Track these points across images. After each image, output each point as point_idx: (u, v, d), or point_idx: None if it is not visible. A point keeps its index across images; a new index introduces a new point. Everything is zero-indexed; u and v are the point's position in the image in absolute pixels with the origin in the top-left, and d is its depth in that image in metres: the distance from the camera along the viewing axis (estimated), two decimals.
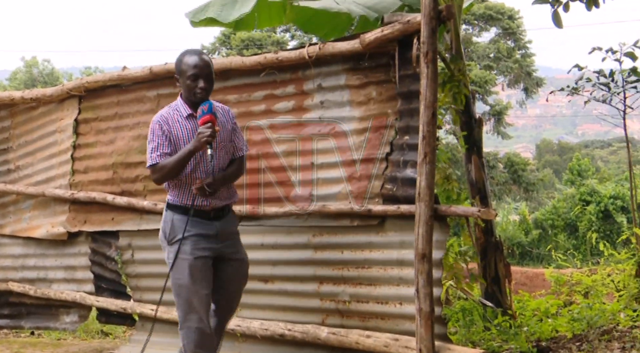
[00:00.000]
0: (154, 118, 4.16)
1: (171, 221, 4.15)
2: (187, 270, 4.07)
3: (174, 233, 4.12)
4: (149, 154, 4.11)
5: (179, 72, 4.14)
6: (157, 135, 4.09)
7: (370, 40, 4.52)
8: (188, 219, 4.08)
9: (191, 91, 4.10)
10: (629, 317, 6.00)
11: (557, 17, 6.36)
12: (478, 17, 30.65)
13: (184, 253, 4.08)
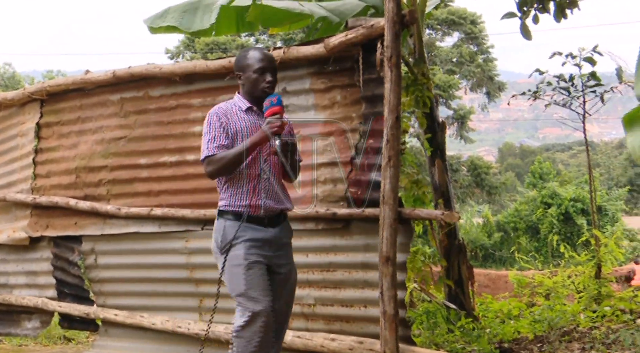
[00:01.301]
0: (210, 111, 3.98)
1: (223, 229, 3.88)
2: (242, 275, 3.79)
3: (225, 240, 3.86)
4: (204, 146, 3.87)
5: (243, 66, 3.96)
6: (215, 127, 3.89)
7: (335, 45, 4.53)
8: (240, 224, 3.83)
9: (258, 84, 3.94)
10: (588, 318, 6.10)
11: (526, 30, 6.46)
12: (441, 22, 30.94)
13: (236, 259, 3.82)
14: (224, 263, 3.83)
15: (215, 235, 3.94)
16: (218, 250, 3.91)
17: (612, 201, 26.54)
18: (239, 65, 4.01)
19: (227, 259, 3.83)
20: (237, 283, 3.80)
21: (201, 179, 5.16)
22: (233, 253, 3.82)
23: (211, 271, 5.11)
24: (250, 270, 3.80)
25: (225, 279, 3.87)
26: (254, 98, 3.96)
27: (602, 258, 7.26)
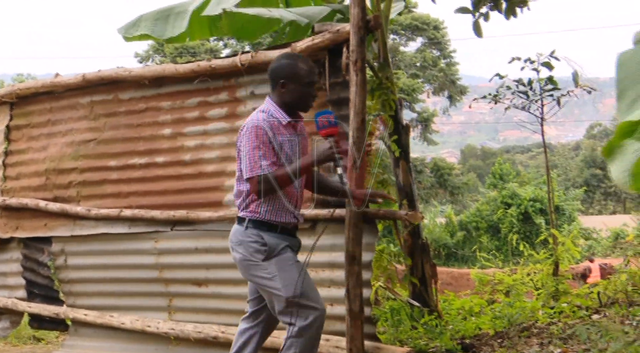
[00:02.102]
0: (254, 122, 3.67)
1: (260, 239, 3.72)
2: (295, 276, 3.68)
3: (272, 247, 3.71)
4: (255, 162, 3.60)
5: (291, 76, 3.73)
6: (263, 141, 3.63)
7: (302, 49, 4.62)
8: (279, 235, 3.76)
9: (306, 99, 3.78)
10: (546, 314, 6.27)
11: (478, 27, 6.63)
12: (405, 27, 31.23)
13: (287, 261, 3.74)
14: (272, 268, 3.69)
15: (247, 245, 3.75)
16: (257, 259, 3.73)
17: (569, 201, 27.04)
18: (286, 73, 3.75)
19: (276, 262, 3.70)
20: (294, 284, 3.66)
21: (170, 180, 5.25)
22: (281, 256, 3.72)
23: (180, 271, 5.21)
24: (302, 271, 3.74)
25: (277, 281, 3.68)
26: (292, 110, 3.78)
27: (560, 257, 7.46)
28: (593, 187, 46.48)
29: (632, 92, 2.60)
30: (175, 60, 26.51)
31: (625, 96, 2.62)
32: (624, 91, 2.64)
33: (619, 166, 2.73)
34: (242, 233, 3.78)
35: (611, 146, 2.51)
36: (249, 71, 4.92)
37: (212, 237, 5.05)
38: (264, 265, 3.72)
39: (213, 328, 4.99)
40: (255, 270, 3.75)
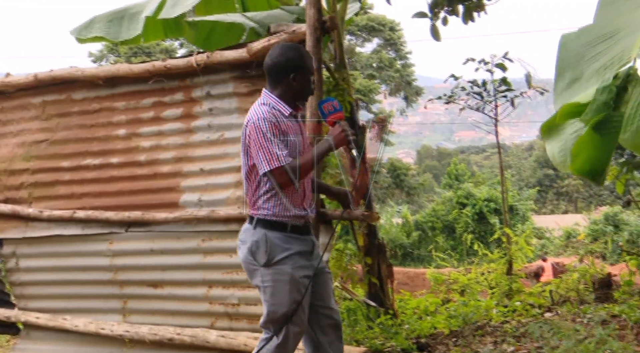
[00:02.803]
0: (260, 115, 3.54)
1: (266, 240, 3.58)
2: (288, 294, 3.56)
3: (273, 253, 3.57)
4: (271, 155, 3.47)
5: (302, 67, 3.63)
6: (275, 134, 3.51)
7: (258, 49, 4.63)
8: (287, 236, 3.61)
9: (309, 87, 3.68)
10: (500, 313, 6.36)
11: (436, 31, 6.71)
12: (361, 28, 31.39)
13: (283, 275, 3.58)
14: (267, 277, 3.58)
15: (252, 246, 3.62)
16: (257, 262, 3.61)
17: (522, 201, 27.45)
18: (295, 64, 3.63)
19: (273, 274, 3.58)
20: (281, 301, 3.56)
21: (125, 181, 5.20)
22: (279, 268, 3.58)
23: (135, 272, 5.16)
24: (296, 289, 3.58)
25: (268, 293, 3.60)
26: (295, 101, 3.69)
27: (513, 256, 7.59)
28: (546, 187, 47.27)
29: (571, 73, 2.66)
30: (129, 60, 26.25)
31: (563, 77, 2.69)
32: (563, 72, 2.71)
33: (556, 145, 2.79)
34: (249, 232, 3.65)
35: (550, 125, 2.57)
36: (205, 71, 4.90)
37: (168, 238, 5.02)
38: (261, 271, 3.60)
39: (169, 330, 4.96)
40: (253, 274, 3.65)
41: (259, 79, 4.80)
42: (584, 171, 2.46)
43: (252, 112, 3.62)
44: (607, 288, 6.87)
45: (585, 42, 2.71)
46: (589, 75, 2.52)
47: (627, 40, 2.47)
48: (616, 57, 2.42)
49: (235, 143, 4.83)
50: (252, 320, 4.76)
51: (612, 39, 2.59)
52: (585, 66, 2.59)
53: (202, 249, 4.91)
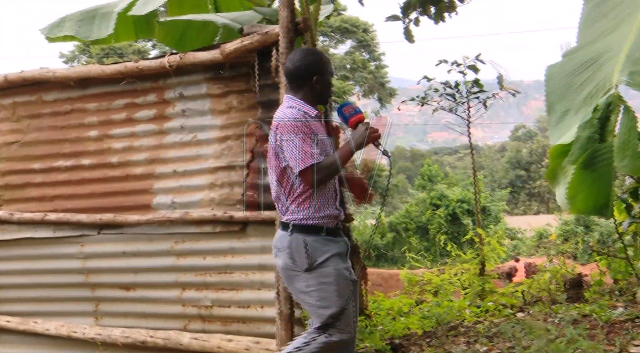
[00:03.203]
0: (290, 116, 3.57)
1: (304, 245, 3.55)
2: (336, 292, 3.54)
3: (314, 257, 3.54)
4: (305, 153, 3.49)
5: (322, 71, 3.69)
6: (306, 133, 3.53)
7: (230, 51, 4.62)
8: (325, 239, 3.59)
9: (330, 90, 3.77)
10: (473, 313, 6.40)
11: (409, 33, 6.74)
12: (334, 30, 31.45)
13: (327, 276, 3.55)
14: (312, 281, 3.54)
15: (291, 252, 3.58)
16: (299, 267, 3.57)
17: (495, 201, 27.67)
18: (315, 68, 3.69)
19: (317, 277, 3.54)
20: (330, 303, 3.53)
21: (97, 183, 5.16)
22: (323, 270, 3.55)
23: (107, 275, 5.12)
24: (341, 289, 3.57)
25: (315, 297, 3.55)
26: (317, 103, 3.73)
27: (486, 256, 7.63)
28: (518, 188, 47.71)
29: (561, 106, 2.64)
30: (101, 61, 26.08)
31: (554, 111, 2.67)
32: (553, 105, 2.68)
33: (562, 189, 2.75)
34: (286, 238, 3.61)
35: (553, 170, 2.54)
36: (178, 72, 4.88)
37: (141, 240, 4.99)
38: (304, 276, 3.57)
39: (141, 333, 4.93)
40: (294, 280, 3.60)
41: (232, 81, 4.79)
42: (588, 209, 2.44)
43: (281, 115, 3.62)
44: (578, 288, 6.93)
45: (570, 71, 2.69)
46: (578, 106, 2.50)
47: (608, 65, 2.47)
48: (600, 85, 2.41)
49: (209, 144, 4.82)
50: (226, 322, 4.75)
51: (595, 65, 2.58)
52: (574, 97, 2.57)
53: (175, 251, 4.89)
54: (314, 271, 3.55)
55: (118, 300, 5.11)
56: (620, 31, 2.62)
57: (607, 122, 2.25)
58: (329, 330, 3.53)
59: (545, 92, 2.69)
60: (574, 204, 2.42)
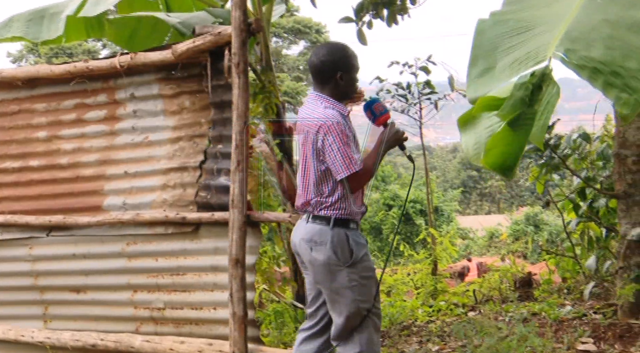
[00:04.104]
0: (333, 119, 3.53)
1: (347, 239, 3.59)
2: (374, 287, 3.66)
3: (357, 252, 3.60)
4: (350, 159, 3.49)
5: (350, 67, 3.68)
6: (348, 136, 3.54)
7: (182, 51, 4.59)
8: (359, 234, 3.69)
9: (355, 86, 3.73)
10: (425, 313, 6.47)
11: (362, 35, 6.79)
12: (288, 31, 31.48)
13: (369, 271, 3.64)
14: (355, 276, 3.59)
15: (334, 246, 3.58)
16: (342, 262, 3.58)
17: (447, 202, 28.00)
18: (341, 64, 3.67)
19: (360, 271, 3.60)
20: (369, 297, 3.63)
21: (46, 185, 5.08)
22: (364, 265, 3.62)
23: (57, 278, 5.04)
24: (375, 283, 3.69)
25: (356, 291, 3.59)
26: (341, 100, 3.71)
27: (438, 256, 7.72)
28: (470, 188, 48.34)
29: (484, 61, 2.70)
30: (50, 61, 25.69)
31: (476, 64, 2.73)
32: (477, 59, 2.75)
33: (471, 138, 2.84)
34: (326, 232, 3.60)
35: (467, 118, 2.62)
36: (129, 72, 4.82)
37: (91, 242, 4.92)
38: (347, 271, 3.59)
39: (92, 336, 4.86)
40: (337, 276, 3.60)
41: (184, 81, 4.76)
42: (496, 166, 2.52)
43: (322, 116, 3.58)
44: (528, 287, 7.06)
45: (501, 33, 2.74)
46: (502, 67, 2.56)
47: (543, 37, 2.52)
48: (531, 53, 2.46)
49: (161, 145, 4.78)
50: (178, 324, 4.71)
51: (528, 33, 2.63)
52: (499, 57, 2.62)
53: (126, 253, 4.83)
54: (357, 266, 3.60)
55: (68, 303, 5.03)
56: (557, 7, 2.68)
57: (538, 90, 2.31)
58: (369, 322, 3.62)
59: (472, 44, 2.74)
60: (487, 156, 2.49)
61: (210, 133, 4.63)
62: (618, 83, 2.20)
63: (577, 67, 2.25)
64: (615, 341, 4.95)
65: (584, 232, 6.81)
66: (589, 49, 2.29)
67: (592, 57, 2.26)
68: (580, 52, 2.28)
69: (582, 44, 2.31)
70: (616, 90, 2.19)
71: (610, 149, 5.96)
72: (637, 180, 5.39)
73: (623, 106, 2.15)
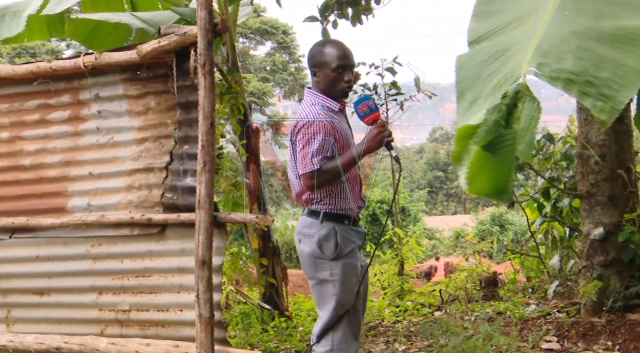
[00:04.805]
0: (309, 117, 3.66)
1: (335, 233, 3.67)
2: (355, 286, 3.70)
3: (342, 246, 3.66)
4: (308, 158, 3.59)
5: (320, 63, 3.74)
6: (321, 135, 3.61)
7: (148, 51, 4.55)
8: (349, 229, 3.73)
9: (336, 84, 3.73)
10: (392, 313, 6.50)
11: (327, 35, 6.80)
12: (254, 31, 31.42)
13: (352, 268, 3.71)
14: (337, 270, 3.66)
15: (320, 239, 3.68)
16: (326, 255, 3.67)
17: (414, 202, 28.15)
18: (315, 61, 3.78)
19: (343, 266, 3.66)
20: (350, 294, 3.68)
21: (8, 186, 5.00)
22: (348, 261, 3.68)
23: (20, 280, 4.97)
24: (358, 281, 3.72)
25: (337, 286, 3.66)
26: (333, 95, 3.77)
27: (405, 256, 7.75)
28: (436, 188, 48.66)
29: (470, 94, 2.73)
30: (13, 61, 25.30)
31: (464, 98, 2.75)
32: (463, 93, 2.77)
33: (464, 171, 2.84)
34: (316, 225, 3.69)
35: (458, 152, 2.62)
36: (93, 72, 4.77)
37: (55, 244, 4.85)
38: (330, 264, 3.67)
39: (55, 339, 4.80)
40: (319, 267, 3.70)
41: (150, 82, 4.72)
42: (488, 192, 2.52)
43: (303, 114, 3.71)
44: (493, 286, 7.13)
45: (480, 61, 2.77)
46: (487, 94, 2.59)
47: (517, 56, 2.55)
48: (508, 74, 2.49)
49: (126, 146, 4.73)
50: (144, 326, 4.67)
51: (504, 56, 2.67)
52: (483, 85, 2.65)
53: (91, 255, 4.78)
54: (341, 261, 3.66)
55: (31, 306, 4.96)
56: (529, 25, 2.72)
57: (514, 109, 2.33)
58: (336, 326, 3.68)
59: (456, 80, 2.78)
60: (472, 185, 2.50)
61: (176, 134, 4.60)
62: (593, 92, 2.23)
63: (551, 79, 2.27)
64: (578, 339, 5.02)
65: (548, 232, 6.89)
66: (560, 62, 2.32)
67: (564, 68, 2.29)
68: (552, 65, 2.31)
69: (553, 57, 2.34)
70: (591, 98, 2.22)
71: (574, 149, 6.04)
72: (600, 180, 5.47)
73: (600, 113, 2.19)
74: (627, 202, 5.48)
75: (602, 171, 5.46)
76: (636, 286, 5.24)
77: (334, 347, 3.69)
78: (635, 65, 2.26)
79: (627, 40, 2.33)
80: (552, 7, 2.60)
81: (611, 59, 2.29)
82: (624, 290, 5.28)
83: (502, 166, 2.45)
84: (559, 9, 2.57)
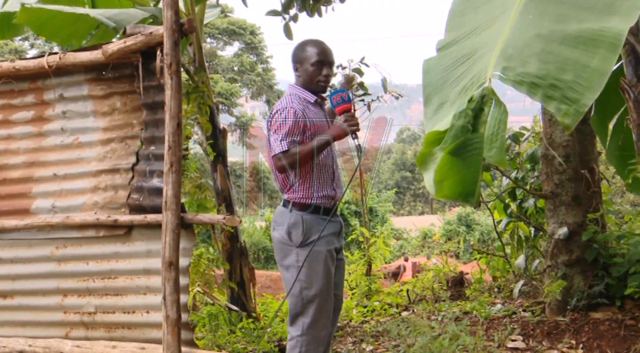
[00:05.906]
0: (282, 105, 3.97)
1: (302, 221, 3.90)
2: (322, 273, 3.86)
3: (309, 234, 3.88)
4: (277, 141, 3.86)
5: (301, 59, 4.07)
6: (291, 120, 3.88)
7: (113, 51, 4.51)
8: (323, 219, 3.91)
9: (314, 78, 4.03)
10: (360, 313, 6.52)
11: (288, 30, 6.82)
12: (222, 32, 31.33)
13: (319, 255, 3.87)
14: (303, 257, 3.84)
15: (288, 227, 3.92)
16: (293, 242, 3.90)
17: (381, 202, 28.26)
18: (297, 57, 4.10)
19: (307, 254, 3.83)
20: (315, 282, 3.85)
21: None
22: (315, 249, 3.84)
23: None
24: (327, 270, 3.88)
25: (303, 273, 3.85)
26: (313, 89, 4.06)
27: (372, 257, 7.78)
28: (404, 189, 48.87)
29: (437, 98, 2.75)
30: None
31: (431, 102, 2.78)
32: (430, 97, 2.80)
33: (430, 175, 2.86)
34: (285, 214, 3.95)
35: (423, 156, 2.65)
36: (57, 73, 4.71)
37: (19, 246, 4.79)
38: (297, 251, 3.88)
39: (19, 342, 4.74)
40: (287, 254, 3.92)
41: (115, 82, 4.68)
42: (455, 195, 2.55)
43: (279, 104, 4.02)
44: (460, 286, 7.19)
45: (447, 66, 2.80)
46: (454, 99, 2.61)
47: (483, 59, 2.57)
48: (474, 78, 2.51)
49: (91, 146, 4.68)
50: (110, 329, 4.63)
51: (470, 60, 2.69)
52: (450, 90, 2.68)
53: (55, 257, 4.72)
54: (307, 247, 3.86)
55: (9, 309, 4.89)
56: (494, 29, 2.74)
57: (480, 114, 2.35)
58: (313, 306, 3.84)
59: (423, 84, 2.81)
60: (440, 189, 2.52)
61: (143, 135, 4.56)
62: (557, 95, 2.25)
63: (515, 83, 2.30)
64: (543, 338, 5.08)
65: (513, 232, 6.96)
66: (524, 65, 2.34)
67: (528, 72, 2.31)
68: (516, 68, 2.33)
69: (517, 61, 2.37)
70: (555, 102, 2.25)
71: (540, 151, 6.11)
72: (564, 180, 5.54)
73: (564, 117, 2.21)
74: (591, 202, 5.56)
75: (566, 171, 5.53)
76: (599, 286, 5.32)
77: (304, 332, 3.86)
78: (599, 66, 2.29)
79: (591, 41, 2.35)
80: (516, 11, 2.62)
81: (575, 60, 2.31)
82: (587, 289, 5.35)
83: (470, 170, 2.47)
84: (523, 13, 2.59)
